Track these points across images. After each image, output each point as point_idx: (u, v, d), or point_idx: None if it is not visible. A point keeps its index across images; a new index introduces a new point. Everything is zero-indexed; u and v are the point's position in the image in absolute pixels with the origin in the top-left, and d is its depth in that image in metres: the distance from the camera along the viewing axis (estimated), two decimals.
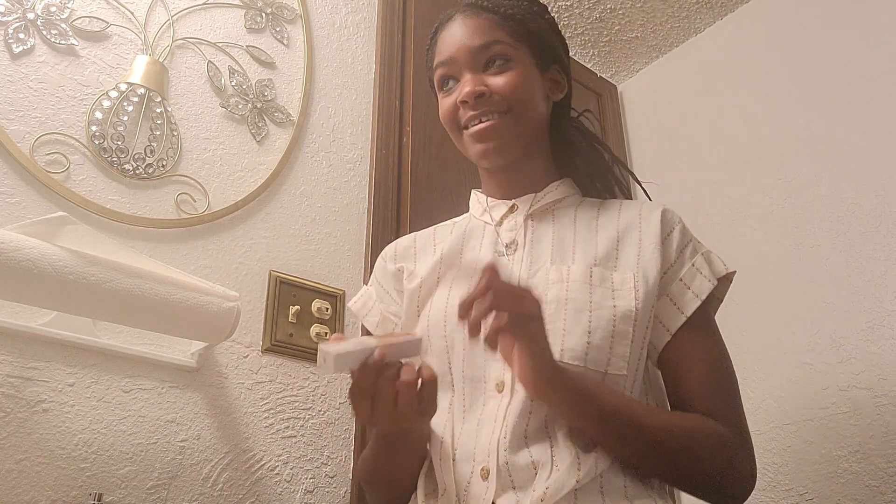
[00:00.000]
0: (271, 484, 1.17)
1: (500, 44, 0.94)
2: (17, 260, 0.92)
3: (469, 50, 0.94)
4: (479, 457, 0.82)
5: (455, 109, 0.96)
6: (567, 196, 1.00)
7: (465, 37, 0.95)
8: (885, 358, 1.45)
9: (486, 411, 0.84)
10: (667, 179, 2.05)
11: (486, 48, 0.94)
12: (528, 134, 0.96)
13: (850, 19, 1.75)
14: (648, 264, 0.89)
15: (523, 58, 0.96)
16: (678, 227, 0.93)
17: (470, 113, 0.94)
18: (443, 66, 0.97)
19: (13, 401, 0.98)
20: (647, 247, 0.90)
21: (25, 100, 1.14)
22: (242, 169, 1.35)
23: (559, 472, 0.77)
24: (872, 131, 1.62)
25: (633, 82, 2.29)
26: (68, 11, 1.23)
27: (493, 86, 0.93)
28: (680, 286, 0.89)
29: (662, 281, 0.89)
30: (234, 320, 1.10)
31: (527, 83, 0.95)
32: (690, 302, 0.88)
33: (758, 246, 1.74)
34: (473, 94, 0.93)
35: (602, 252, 0.91)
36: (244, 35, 1.46)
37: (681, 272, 0.90)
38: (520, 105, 0.94)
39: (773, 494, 1.52)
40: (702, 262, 0.91)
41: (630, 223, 0.93)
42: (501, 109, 0.93)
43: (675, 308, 0.88)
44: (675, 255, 0.91)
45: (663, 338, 0.88)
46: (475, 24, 0.96)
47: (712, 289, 0.89)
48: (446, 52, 0.97)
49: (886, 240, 1.52)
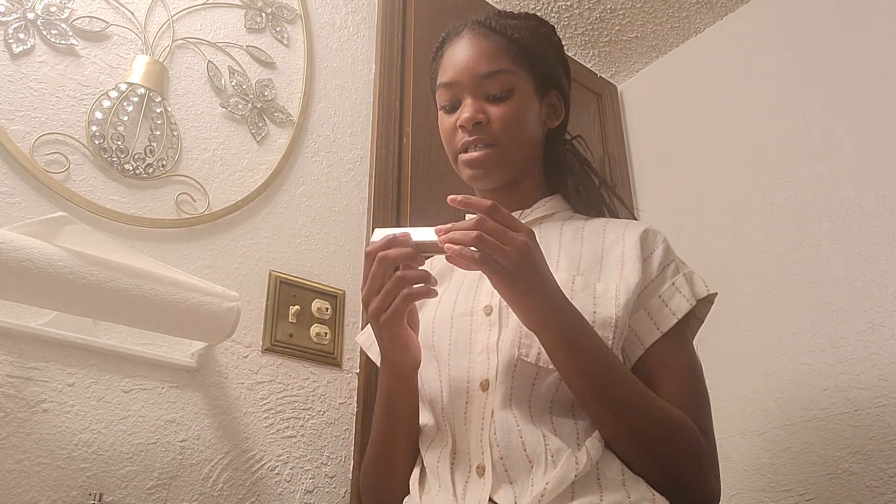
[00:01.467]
0: (271, 484, 1.17)
1: (504, 73, 0.98)
2: (17, 260, 0.92)
3: (473, 75, 0.98)
4: (473, 455, 0.84)
5: (454, 131, 1.00)
6: (556, 212, 1.03)
7: (472, 60, 0.98)
8: (885, 358, 1.45)
9: (472, 410, 0.86)
10: (667, 179, 2.06)
11: (490, 76, 0.97)
12: (517, 162, 1.00)
13: (850, 19, 1.75)
14: (630, 275, 0.90)
15: (524, 86, 0.99)
16: (661, 246, 0.95)
17: (466, 138, 0.98)
18: (446, 87, 1.00)
19: (13, 401, 0.98)
20: (628, 261, 0.92)
21: (25, 100, 1.14)
22: (242, 169, 1.35)
23: (557, 468, 0.77)
24: (872, 131, 1.62)
25: (633, 82, 2.29)
26: (68, 11, 1.23)
27: (492, 115, 0.97)
28: (658, 302, 0.90)
29: (642, 295, 0.90)
30: (234, 320, 1.10)
31: (523, 115, 0.98)
32: (667, 319, 0.89)
33: (758, 246, 1.74)
34: (472, 120, 0.96)
35: (586, 263, 0.93)
36: (244, 35, 1.46)
37: (660, 289, 0.91)
38: (510, 139, 0.97)
39: (772, 495, 1.52)
40: (682, 282, 0.92)
41: (615, 240, 0.96)
42: (492, 141, 0.97)
43: (652, 323, 0.90)
44: (657, 272, 0.92)
45: (636, 351, 0.90)
46: (482, 49, 0.98)
47: (690, 308, 0.90)
48: (451, 72, 1.00)
49: (886, 240, 1.52)
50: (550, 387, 0.84)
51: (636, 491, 0.78)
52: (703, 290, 0.93)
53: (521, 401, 0.84)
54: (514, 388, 0.84)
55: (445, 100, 1.01)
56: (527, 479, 0.79)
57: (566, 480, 0.76)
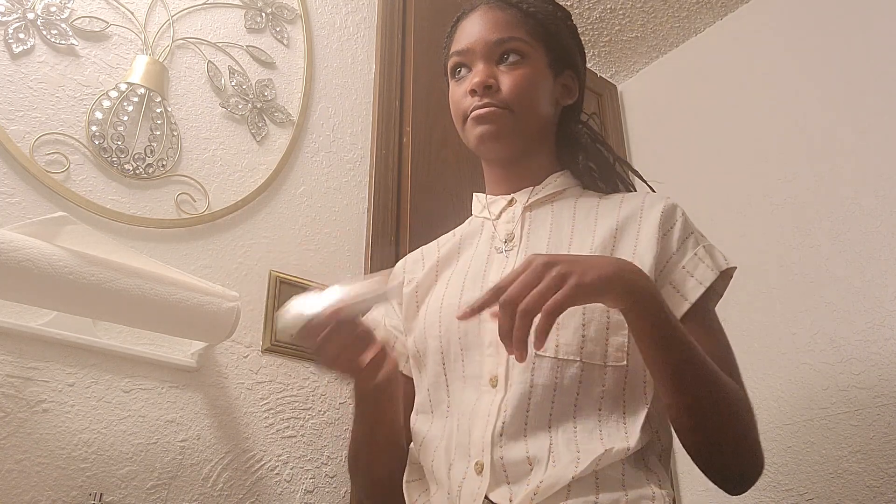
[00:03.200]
0: (271, 484, 1.17)
1: (517, 41, 0.96)
2: (17, 260, 0.92)
3: (486, 42, 0.96)
4: (473, 451, 0.82)
5: (464, 97, 0.97)
6: (567, 188, 1.00)
7: (485, 29, 0.97)
8: (885, 358, 1.45)
9: (479, 406, 0.84)
10: (667, 179, 2.05)
11: (502, 42, 0.96)
12: (528, 133, 0.97)
13: (850, 19, 1.75)
14: (644, 254, 0.88)
15: (538, 58, 0.97)
16: (680, 219, 0.93)
17: (476, 102, 0.95)
18: (458, 55, 0.99)
19: (13, 401, 0.98)
20: (644, 237, 0.90)
21: (25, 100, 1.14)
22: (242, 169, 1.35)
23: (555, 468, 0.76)
24: (872, 131, 1.62)
25: (633, 82, 2.29)
26: (68, 11, 1.22)
27: (503, 80, 0.95)
28: (683, 273, 0.88)
29: (665, 269, 0.88)
30: (234, 320, 1.10)
31: (534, 84, 0.96)
32: (694, 289, 0.87)
33: (758, 246, 1.74)
34: (482, 83, 0.94)
35: (599, 242, 0.90)
36: (244, 35, 1.46)
37: (683, 260, 0.89)
38: (521, 105, 0.95)
39: (773, 494, 1.52)
40: (704, 254, 0.90)
41: (631, 214, 0.93)
42: (504, 105, 0.94)
43: (679, 295, 0.87)
44: (677, 246, 0.90)
45: None
46: (497, 18, 0.97)
47: (715, 277, 0.88)
48: (464, 41, 0.98)
49: (886, 240, 1.52)
50: (573, 379, 0.82)
51: (635, 489, 0.77)
52: (724, 263, 0.90)
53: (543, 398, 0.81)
54: (534, 385, 0.82)
55: (456, 65, 0.99)
56: (525, 479, 0.78)
57: (562, 481, 0.75)
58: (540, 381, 0.82)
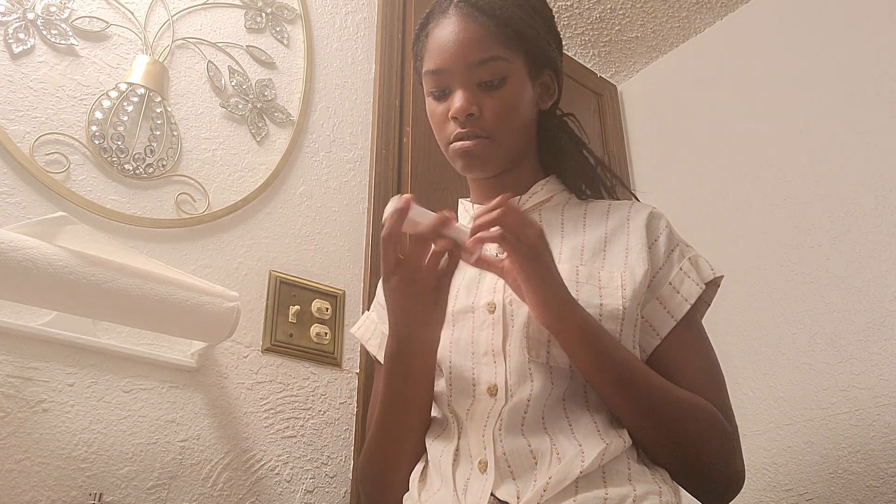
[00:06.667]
0: (271, 484, 1.17)
1: (497, 60, 0.92)
2: (17, 260, 0.92)
3: (466, 64, 0.92)
4: (475, 450, 0.82)
5: (445, 121, 0.95)
6: (554, 195, 1.01)
7: (461, 47, 0.92)
8: (885, 358, 1.45)
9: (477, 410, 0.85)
10: (667, 179, 2.05)
11: (482, 64, 0.92)
12: (512, 152, 0.97)
13: (850, 19, 1.75)
14: (636, 265, 0.89)
15: (517, 71, 0.94)
16: (665, 231, 0.94)
17: (458, 130, 0.93)
18: (435, 75, 0.95)
19: (13, 401, 0.98)
20: (633, 247, 0.91)
21: (25, 100, 1.14)
22: (242, 169, 1.35)
23: (561, 463, 0.77)
24: (872, 131, 1.62)
25: (633, 82, 2.29)
26: (68, 11, 1.22)
27: (485, 106, 0.92)
28: (669, 290, 0.90)
29: (652, 284, 0.90)
30: (234, 320, 1.10)
31: (517, 104, 0.94)
32: (680, 306, 0.89)
33: (758, 246, 1.74)
34: (464, 112, 0.92)
35: (589, 251, 0.91)
36: (244, 35, 1.46)
37: (670, 276, 0.90)
38: (503, 130, 0.94)
39: (773, 494, 1.52)
40: (689, 267, 0.91)
41: (618, 225, 0.94)
42: (485, 134, 0.93)
43: (665, 312, 0.89)
44: (664, 259, 0.91)
45: (652, 342, 0.89)
46: (471, 32, 0.92)
47: (700, 293, 0.90)
48: (439, 58, 0.94)
49: (886, 240, 1.52)
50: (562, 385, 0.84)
51: (642, 484, 0.77)
52: (710, 274, 0.92)
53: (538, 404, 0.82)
54: (533, 393, 0.83)
55: (434, 87, 0.95)
56: (530, 475, 0.78)
57: (570, 476, 0.75)
58: (538, 387, 0.83)
